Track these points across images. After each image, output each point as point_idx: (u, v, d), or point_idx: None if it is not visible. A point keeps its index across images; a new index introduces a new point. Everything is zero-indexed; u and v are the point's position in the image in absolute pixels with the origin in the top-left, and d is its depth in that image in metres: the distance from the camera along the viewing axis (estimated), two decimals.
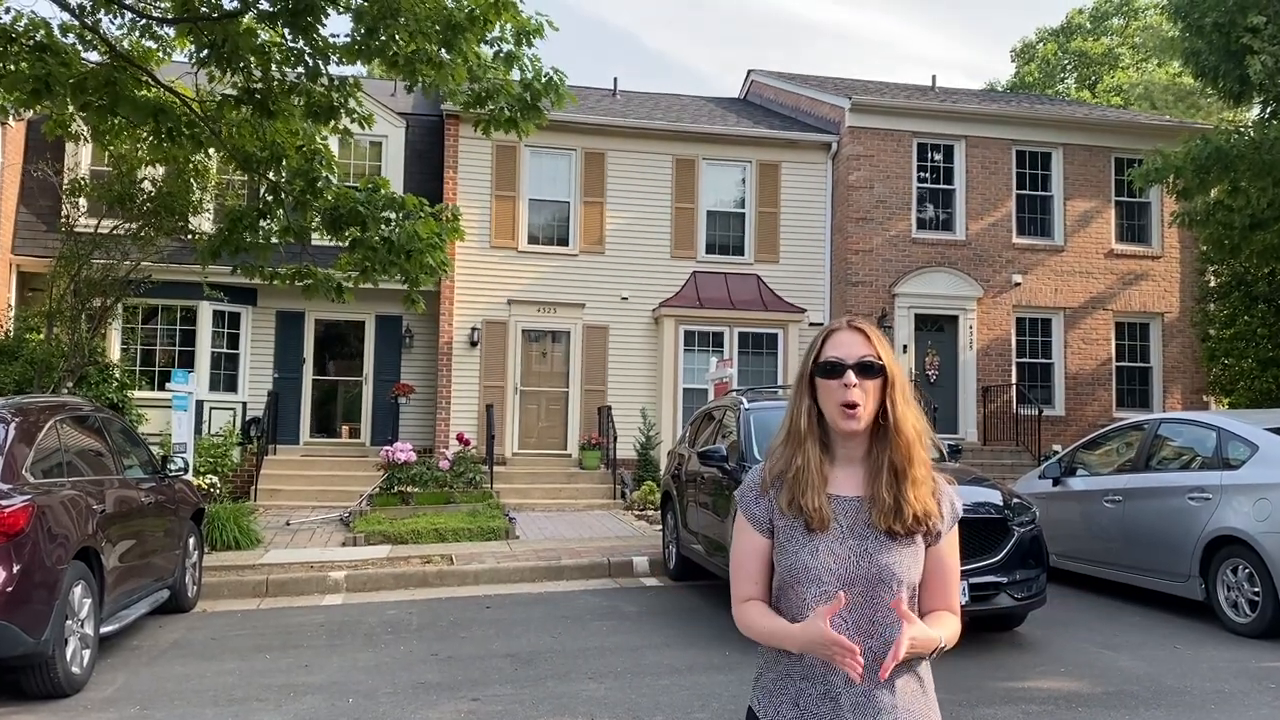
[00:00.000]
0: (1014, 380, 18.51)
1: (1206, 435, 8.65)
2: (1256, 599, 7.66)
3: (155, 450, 11.77)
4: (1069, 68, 37.75)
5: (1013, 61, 40.66)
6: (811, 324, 18.43)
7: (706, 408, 11.28)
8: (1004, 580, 7.29)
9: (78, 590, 6.52)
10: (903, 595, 2.21)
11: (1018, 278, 18.65)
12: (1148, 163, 14.60)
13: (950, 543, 2.32)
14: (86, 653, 6.62)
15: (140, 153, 12.19)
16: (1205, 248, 17.82)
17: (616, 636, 7.95)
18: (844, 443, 2.30)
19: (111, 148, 11.91)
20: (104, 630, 7.02)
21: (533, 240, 18.04)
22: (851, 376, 2.23)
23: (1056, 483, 10.23)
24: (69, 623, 6.36)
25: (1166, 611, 8.68)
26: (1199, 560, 8.15)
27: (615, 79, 21.23)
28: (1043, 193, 19.06)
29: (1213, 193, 14.42)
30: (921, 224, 18.65)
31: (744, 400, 9.41)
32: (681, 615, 8.80)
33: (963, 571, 6.32)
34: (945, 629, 2.24)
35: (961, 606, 2.38)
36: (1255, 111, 15.47)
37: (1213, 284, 19.08)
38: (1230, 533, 7.87)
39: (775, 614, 2.28)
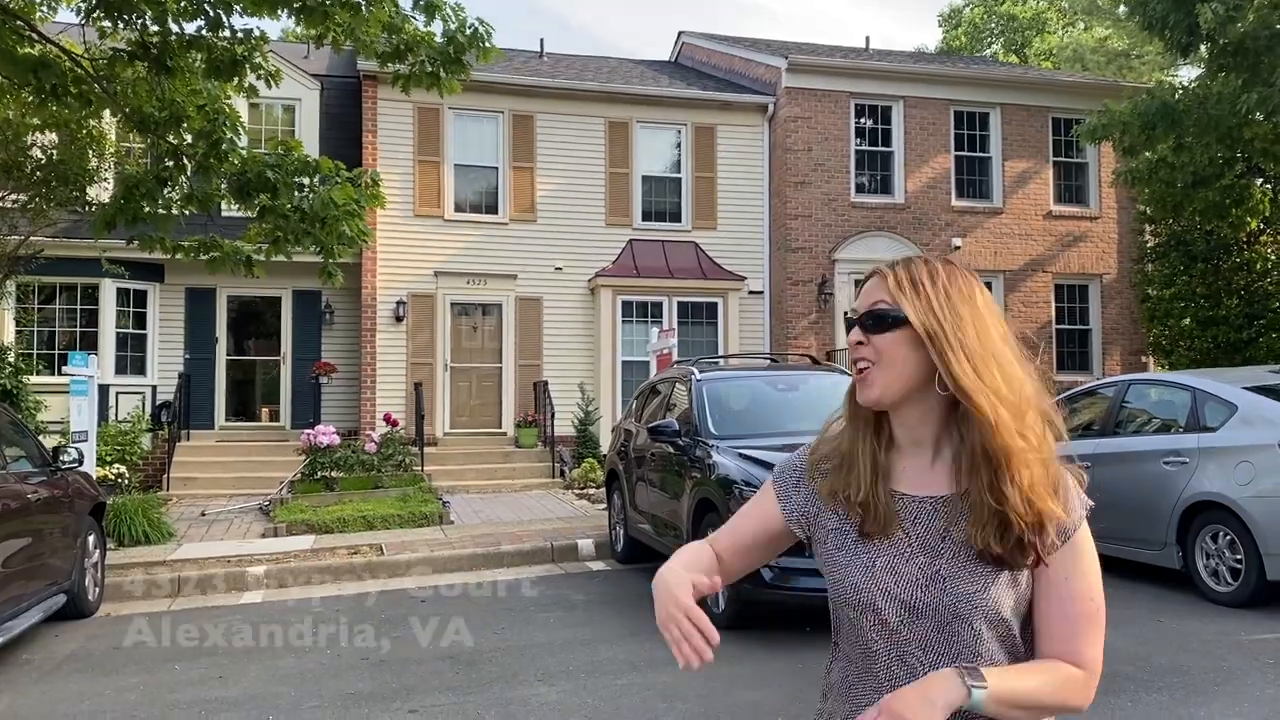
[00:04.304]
0: None
1: (1180, 396, 8.24)
2: (1238, 567, 7.28)
3: (57, 440, 10.87)
4: (997, 32, 37.64)
5: (940, 27, 40.46)
6: (751, 292, 17.93)
7: (652, 381, 10.67)
8: None
9: None
10: (987, 636, 1.58)
11: (957, 241, 18.30)
12: (1094, 119, 14.30)
13: (1075, 554, 1.60)
14: None
15: (26, 117, 11.15)
16: (1145, 207, 17.62)
17: (566, 630, 7.32)
18: (897, 422, 1.69)
19: None
20: None
21: (459, 208, 17.16)
22: (858, 333, 1.66)
23: None
24: None
25: (1141, 581, 8.30)
26: (1176, 527, 7.76)
27: (541, 40, 20.38)
28: (981, 154, 18.70)
29: (1156, 149, 14.17)
30: (860, 188, 18.17)
31: (695, 371, 8.80)
32: (634, 602, 8.18)
33: None
34: (1031, 679, 1.55)
35: None
36: (1188, 70, 15.24)
37: (1151, 244, 18.94)
38: (1210, 498, 7.48)
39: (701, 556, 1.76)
